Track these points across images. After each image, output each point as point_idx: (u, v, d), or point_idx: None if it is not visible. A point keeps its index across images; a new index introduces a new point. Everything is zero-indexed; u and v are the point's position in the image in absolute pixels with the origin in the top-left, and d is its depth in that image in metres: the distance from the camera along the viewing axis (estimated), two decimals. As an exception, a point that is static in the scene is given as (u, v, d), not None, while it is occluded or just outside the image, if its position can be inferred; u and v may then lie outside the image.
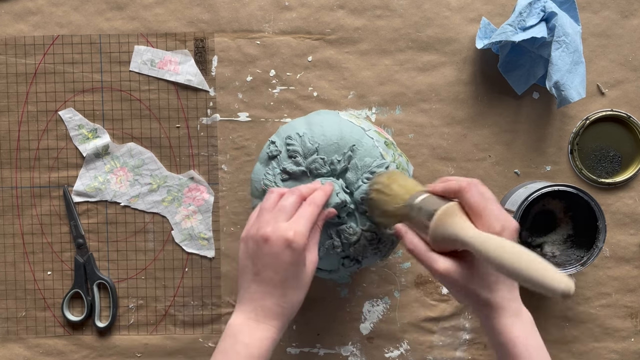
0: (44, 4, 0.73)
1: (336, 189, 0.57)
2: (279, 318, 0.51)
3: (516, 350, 0.49)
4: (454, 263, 0.49)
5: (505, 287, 0.50)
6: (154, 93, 0.73)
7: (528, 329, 0.50)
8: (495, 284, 0.49)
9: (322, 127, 0.61)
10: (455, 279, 0.48)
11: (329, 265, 0.62)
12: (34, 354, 0.74)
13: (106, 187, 0.74)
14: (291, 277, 0.51)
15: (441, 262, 0.49)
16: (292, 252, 0.50)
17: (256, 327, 0.51)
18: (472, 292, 0.49)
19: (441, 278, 0.49)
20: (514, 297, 0.50)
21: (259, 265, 0.51)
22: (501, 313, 0.49)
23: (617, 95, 0.72)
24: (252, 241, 0.52)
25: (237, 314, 0.52)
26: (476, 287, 0.49)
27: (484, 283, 0.49)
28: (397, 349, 0.73)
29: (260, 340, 0.50)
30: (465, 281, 0.49)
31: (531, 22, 0.66)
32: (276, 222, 0.51)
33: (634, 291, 0.72)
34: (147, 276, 0.74)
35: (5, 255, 0.74)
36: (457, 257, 0.49)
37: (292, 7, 0.72)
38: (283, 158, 0.61)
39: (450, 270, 0.48)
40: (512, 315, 0.50)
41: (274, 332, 0.51)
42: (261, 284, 0.51)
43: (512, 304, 0.50)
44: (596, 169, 0.72)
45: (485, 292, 0.49)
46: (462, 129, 0.73)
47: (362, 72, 0.73)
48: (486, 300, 0.49)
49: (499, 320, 0.50)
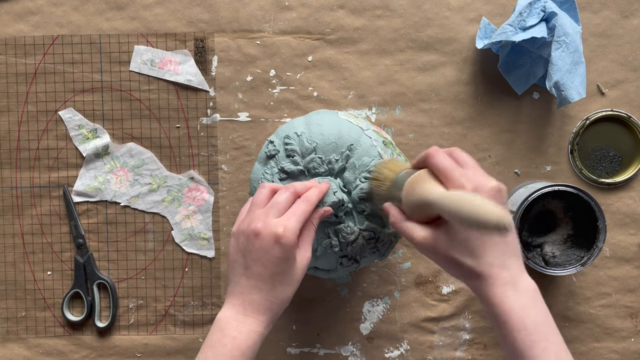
0: (44, 4, 0.73)
1: (334, 188, 0.57)
2: (267, 313, 0.51)
3: (510, 325, 0.45)
4: (433, 230, 0.47)
5: (493, 253, 0.46)
6: (154, 93, 0.73)
7: (525, 300, 0.45)
8: (480, 249, 0.46)
9: (321, 126, 0.61)
10: (435, 247, 0.46)
11: (327, 264, 0.62)
12: (34, 354, 0.74)
13: (106, 187, 0.74)
14: (280, 272, 0.51)
15: (418, 230, 0.47)
16: (281, 247, 0.50)
17: (244, 321, 0.51)
18: (455, 261, 0.46)
19: (421, 247, 0.48)
20: (505, 263, 0.46)
21: (249, 260, 0.51)
22: (491, 282, 0.46)
23: (617, 95, 0.72)
24: (242, 236, 0.52)
25: (225, 308, 0.52)
26: (458, 254, 0.46)
27: (466, 249, 0.46)
28: (397, 349, 0.73)
29: (247, 334, 0.50)
30: (446, 248, 0.46)
31: (531, 22, 0.66)
32: (267, 218, 0.51)
33: (634, 291, 0.72)
34: (147, 276, 0.74)
35: (5, 255, 0.74)
36: (437, 224, 0.47)
37: (292, 7, 0.72)
38: (281, 157, 0.61)
39: (429, 238, 0.47)
40: (504, 284, 0.45)
41: (262, 327, 0.51)
42: (250, 278, 0.51)
43: (502, 272, 0.46)
44: (596, 169, 0.72)
45: (469, 259, 0.46)
46: (462, 129, 0.73)
47: (362, 72, 0.73)
48: (471, 268, 0.46)
49: (488, 289, 0.46)
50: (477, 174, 0.47)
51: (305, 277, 0.72)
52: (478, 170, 0.47)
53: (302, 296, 0.73)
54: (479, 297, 0.48)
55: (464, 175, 0.46)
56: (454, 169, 0.46)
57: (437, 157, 0.47)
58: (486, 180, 0.46)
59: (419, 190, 0.47)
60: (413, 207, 0.48)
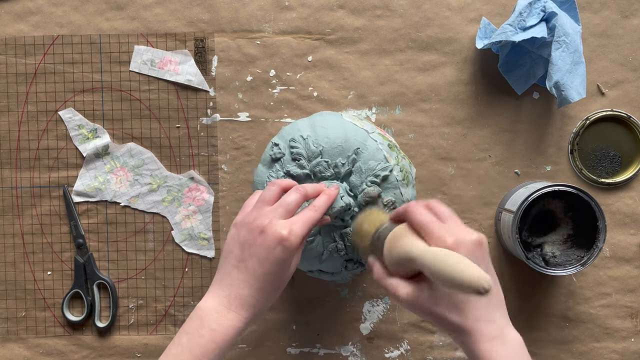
0: (44, 4, 0.73)
1: (340, 192, 0.57)
2: (250, 310, 0.51)
3: None
4: (416, 286, 0.46)
5: (479, 307, 0.45)
6: (154, 93, 0.73)
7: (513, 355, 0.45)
8: (464, 303, 0.45)
9: (326, 129, 0.61)
10: (420, 303, 0.45)
11: (333, 268, 0.62)
12: (34, 354, 0.74)
13: (106, 187, 0.74)
14: (274, 272, 0.50)
15: (401, 286, 0.46)
16: (283, 249, 0.49)
17: (225, 315, 0.50)
18: (441, 317, 0.45)
19: (406, 304, 0.46)
20: (491, 316, 0.45)
21: (246, 253, 0.51)
22: (478, 338, 0.45)
23: (617, 95, 0.72)
24: (245, 229, 0.51)
25: (209, 297, 0.51)
26: (444, 310, 0.45)
27: (450, 304, 0.45)
28: (397, 349, 0.73)
29: (226, 328, 0.50)
30: (431, 305, 0.45)
31: (531, 22, 0.66)
32: (274, 217, 0.51)
33: (634, 291, 0.72)
34: (147, 276, 0.74)
35: (5, 255, 0.74)
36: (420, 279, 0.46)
37: (292, 7, 0.72)
38: (287, 161, 0.61)
39: (412, 295, 0.46)
40: (491, 339, 0.45)
41: (242, 322, 0.50)
42: (243, 271, 0.50)
43: (489, 326, 0.45)
44: (596, 169, 0.72)
45: (454, 315, 0.45)
46: (462, 129, 0.73)
47: (362, 72, 0.73)
48: (457, 324, 0.45)
49: (475, 346, 0.45)
50: (458, 226, 0.46)
51: (305, 277, 0.72)
52: (458, 223, 0.47)
53: (302, 296, 0.73)
54: (465, 351, 0.47)
55: (444, 229, 0.45)
56: (433, 222, 0.46)
57: (415, 212, 0.47)
58: (466, 233, 0.46)
59: (399, 247, 0.46)
60: (395, 263, 0.47)
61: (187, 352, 0.49)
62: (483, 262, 0.46)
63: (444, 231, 0.45)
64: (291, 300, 0.73)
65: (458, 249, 0.44)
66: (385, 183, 0.60)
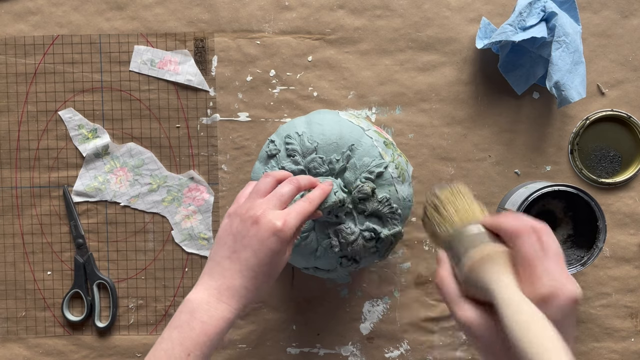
0: (44, 4, 0.73)
1: (334, 188, 0.57)
2: (241, 300, 0.50)
3: None
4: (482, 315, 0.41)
5: None
6: (154, 93, 0.73)
7: None
8: None
9: (322, 126, 0.61)
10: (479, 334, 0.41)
11: (327, 264, 0.62)
12: (34, 354, 0.74)
13: (106, 187, 0.74)
14: (268, 263, 0.50)
15: (466, 308, 0.42)
16: (277, 240, 0.49)
17: (216, 307, 0.50)
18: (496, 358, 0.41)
19: (463, 327, 0.42)
20: None
21: (239, 244, 0.50)
22: None
23: (617, 95, 0.72)
24: (239, 219, 0.51)
25: (199, 289, 0.51)
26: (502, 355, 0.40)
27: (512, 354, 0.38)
28: (397, 349, 0.73)
29: (217, 319, 0.49)
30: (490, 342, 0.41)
31: (531, 22, 0.66)
32: (268, 207, 0.50)
33: (634, 291, 0.72)
34: (147, 276, 0.74)
35: (5, 255, 0.74)
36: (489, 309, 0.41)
37: (292, 7, 0.72)
38: (282, 157, 0.61)
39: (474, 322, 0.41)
40: None
41: (232, 314, 0.50)
42: (235, 262, 0.50)
43: None
44: (596, 169, 0.72)
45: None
46: (462, 129, 0.73)
47: (362, 72, 0.73)
48: None
49: None
50: (559, 268, 0.41)
51: (305, 277, 0.72)
52: (560, 263, 0.42)
53: (302, 296, 0.73)
54: None
55: (545, 271, 0.40)
56: (538, 258, 0.41)
57: (527, 240, 0.42)
58: (566, 281, 0.40)
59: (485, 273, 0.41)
60: (471, 284, 0.42)
61: (178, 346, 0.48)
62: (570, 323, 0.40)
63: (544, 273, 0.40)
64: (291, 300, 0.73)
65: (551, 302, 0.39)
66: (380, 179, 0.60)
